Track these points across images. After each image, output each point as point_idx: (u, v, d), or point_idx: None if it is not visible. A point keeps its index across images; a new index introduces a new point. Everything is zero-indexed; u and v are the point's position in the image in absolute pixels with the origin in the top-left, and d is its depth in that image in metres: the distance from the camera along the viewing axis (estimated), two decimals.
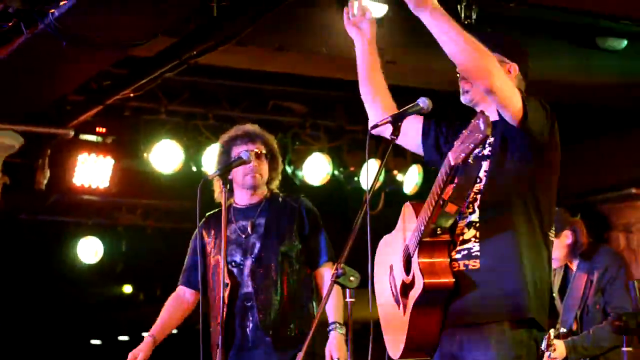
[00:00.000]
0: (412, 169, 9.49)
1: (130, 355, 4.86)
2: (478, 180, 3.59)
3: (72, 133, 8.15)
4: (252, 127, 5.05)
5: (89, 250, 11.16)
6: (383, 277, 3.87)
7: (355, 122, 9.23)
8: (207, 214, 5.02)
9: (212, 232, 4.97)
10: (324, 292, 4.78)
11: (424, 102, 3.63)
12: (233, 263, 4.88)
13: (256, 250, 4.85)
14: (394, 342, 3.72)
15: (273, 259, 4.83)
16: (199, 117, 8.85)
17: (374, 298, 3.86)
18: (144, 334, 5.00)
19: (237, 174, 4.90)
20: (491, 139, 3.59)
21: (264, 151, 4.95)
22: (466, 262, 3.55)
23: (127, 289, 14.26)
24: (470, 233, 3.56)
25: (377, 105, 3.93)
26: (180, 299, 5.09)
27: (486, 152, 3.61)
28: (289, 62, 7.40)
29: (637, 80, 7.88)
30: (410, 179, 9.52)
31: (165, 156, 8.64)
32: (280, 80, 8.47)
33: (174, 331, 5.15)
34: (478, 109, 3.52)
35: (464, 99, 3.72)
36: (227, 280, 4.76)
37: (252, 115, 8.54)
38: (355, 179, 9.42)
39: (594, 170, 9.32)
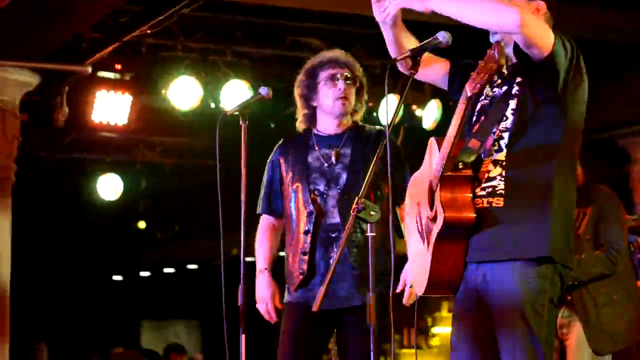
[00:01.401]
0: (431, 104, 9.44)
1: (262, 306, 4.68)
2: (505, 119, 3.57)
3: (89, 70, 8.13)
4: (339, 52, 4.84)
5: (109, 187, 11.20)
6: (411, 214, 3.88)
7: (373, 57, 9.18)
8: (283, 139, 4.82)
9: (290, 157, 4.78)
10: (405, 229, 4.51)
11: (443, 36, 3.60)
12: (316, 192, 4.68)
13: (342, 181, 4.66)
14: (419, 278, 3.73)
15: (359, 190, 4.67)
16: (217, 53, 8.81)
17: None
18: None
19: (326, 98, 4.71)
20: (519, 79, 3.58)
21: (350, 75, 4.74)
22: (490, 199, 3.54)
23: (147, 225, 14.35)
24: (496, 171, 3.56)
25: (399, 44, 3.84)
26: (274, 227, 4.85)
27: (514, 90, 3.59)
28: None
29: None
30: (430, 114, 9.46)
31: (183, 93, 8.57)
32: (298, 16, 8.40)
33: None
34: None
35: (492, 38, 3.65)
36: (312, 209, 4.64)
37: (270, 51, 8.50)
38: (374, 114, 9.38)
39: (613, 104, 9.26)
